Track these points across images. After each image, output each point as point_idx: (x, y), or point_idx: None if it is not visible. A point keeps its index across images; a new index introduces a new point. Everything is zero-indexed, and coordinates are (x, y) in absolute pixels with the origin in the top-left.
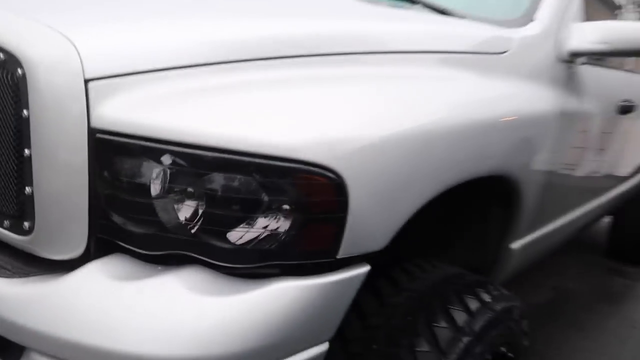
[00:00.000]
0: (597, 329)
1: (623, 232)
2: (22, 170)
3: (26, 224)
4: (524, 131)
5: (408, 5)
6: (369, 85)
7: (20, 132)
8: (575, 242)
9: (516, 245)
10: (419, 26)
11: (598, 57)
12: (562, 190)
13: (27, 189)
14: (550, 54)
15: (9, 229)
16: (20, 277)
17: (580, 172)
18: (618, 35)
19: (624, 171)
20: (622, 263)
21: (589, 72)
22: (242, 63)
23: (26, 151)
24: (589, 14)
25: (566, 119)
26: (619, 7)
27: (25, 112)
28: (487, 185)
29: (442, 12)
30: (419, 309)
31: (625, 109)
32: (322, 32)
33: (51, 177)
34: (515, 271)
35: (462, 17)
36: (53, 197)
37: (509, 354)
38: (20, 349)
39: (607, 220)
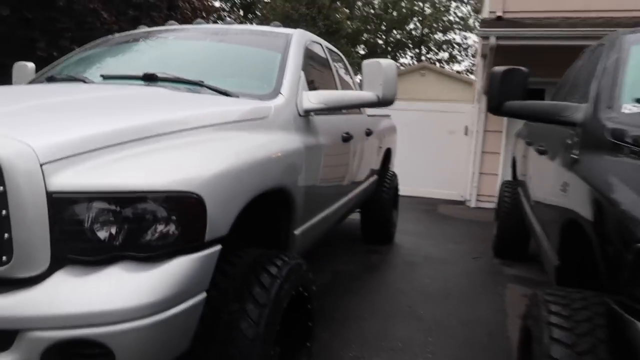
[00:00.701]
0: (365, 290)
1: (368, 222)
2: (1, 224)
3: (4, 258)
4: (286, 161)
5: (199, 88)
6: (197, 147)
7: (5, 211)
8: (343, 235)
9: (297, 231)
10: (217, 109)
11: (322, 111)
12: (319, 194)
13: (6, 235)
14: (294, 113)
15: None
16: None
17: (329, 182)
18: (326, 98)
19: (359, 178)
20: (375, 244)
21: (320, 120)
22: (125, 144)
23: (3, 212)
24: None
25: (310, 151)
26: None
27: (1, 187)
28: (274, 195)
29: (223, 93)
30: (249, 272)
31: (347, 138)
32: (166, 120)
33: (23, 225)
34: (301, 249)
35: (236, 96)
36: (25, 238)
37: (304, 293)
38: (12, 335)
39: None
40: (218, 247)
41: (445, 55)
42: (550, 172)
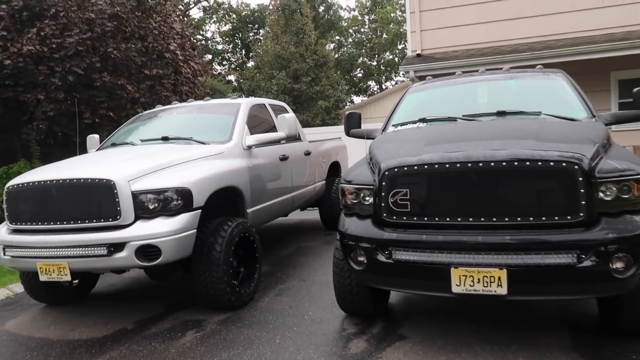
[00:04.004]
0: (316, 253)
1: (323, 214)
2: (118, 206)
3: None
4: (234, 173)
5: (190, 142)
6: (190, 169)
7: (118, 199)
8: (311, 227)
9: (249, 210)
10: (199, 151)
11: (259, 145)
12: (261, 191)
13: (118, 208)
14: (240, 148)
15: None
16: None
17: (269, 184)
18: (257, 138)
19: (300, 183)
20: (333, 230)
21: (260, 150)
22: (159, 170)
23: (117, 199)
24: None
25: (251, 167)
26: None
27: (116, 192)
28: (230, 190)
29: (202, 142)
30: (218, 225)
31: (283, 159)
32: (176, 158)
33: (124, 205)
34: (254, 221)
35: (208, 143)
36: (125, 210)
37: (250, 237)
38: (124, 244)
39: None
40: (199, 211)
41: None
42: None
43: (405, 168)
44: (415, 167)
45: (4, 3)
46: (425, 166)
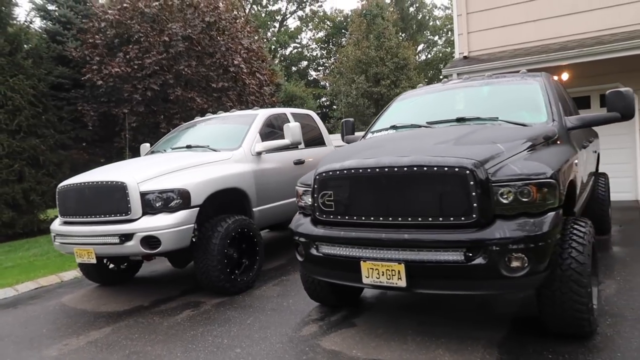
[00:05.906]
0: None
1: None
2: (127, 207)
3: (128, 216)
4: (238, 176)
5: (206, 149)
6: (194, 173)
7: (129, 198)
8: None
9: (255, 209)
10: (211, 156)
11: (269, 151)
12: (268, 192)
13: (129, 215)
14: (247, 155)
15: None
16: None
17: (277, 187)
18: (264, 145)
19: None
20: None
21: (271, 155)
22: (167, 174)
23: (129, 200)
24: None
25: (257, 171)
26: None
27: (128, 192)
28: (235, 190)
29: (214, 150)
30: (217, 222)
31: (298, 162)
32: (186, 163)
33: (133, 205)
34: (260, 219)
35: (219, 150)
36: (135, 209)
37: (249, 232)
38: (131, 236)
39: None
40: (197, 209)
41: None
42: None
43: (331, 172)
44: (338, 172)
45: (101, 33)
46: (345, 171)
